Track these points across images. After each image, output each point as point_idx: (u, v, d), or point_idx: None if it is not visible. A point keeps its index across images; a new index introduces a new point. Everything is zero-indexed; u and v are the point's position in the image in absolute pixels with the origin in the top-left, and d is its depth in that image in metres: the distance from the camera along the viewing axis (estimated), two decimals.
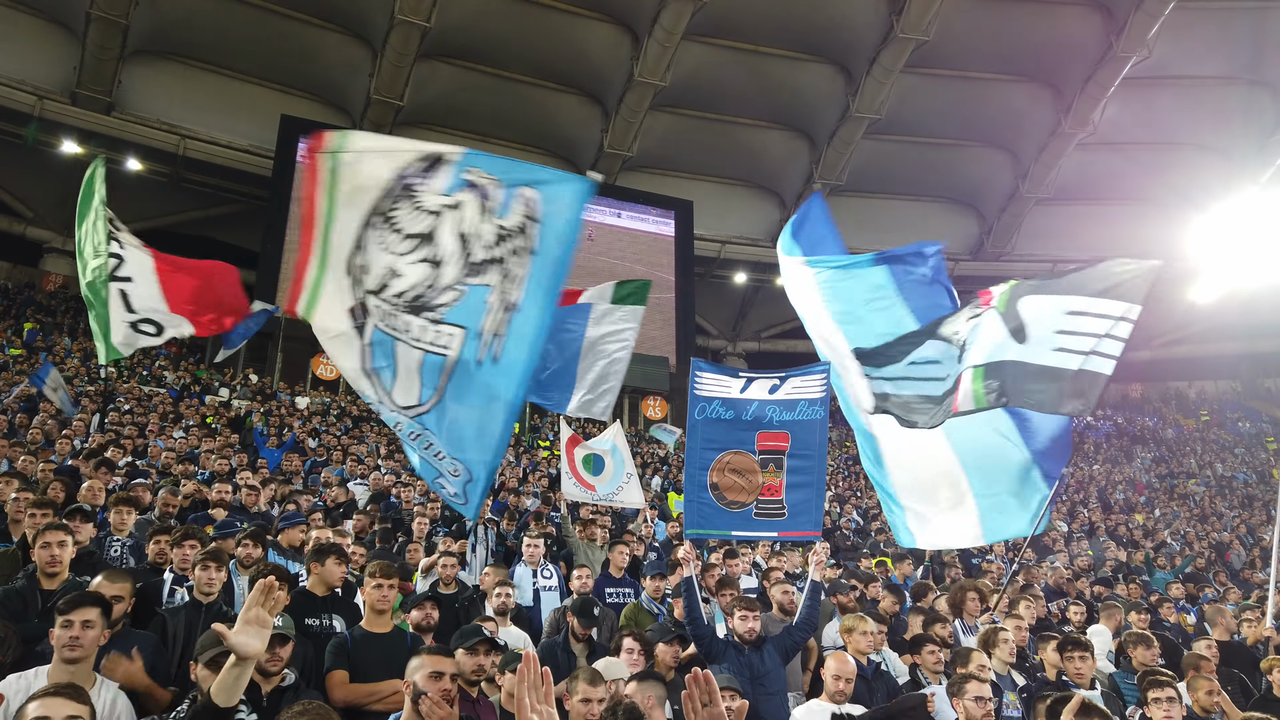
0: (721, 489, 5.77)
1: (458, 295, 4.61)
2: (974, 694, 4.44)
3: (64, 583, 4.71)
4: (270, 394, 21.63)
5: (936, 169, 34.12)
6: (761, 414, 5.86)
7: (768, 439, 5.84)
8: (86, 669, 3.53)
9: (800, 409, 5.84)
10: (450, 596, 6.56)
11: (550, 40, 28.85)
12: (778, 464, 5.81)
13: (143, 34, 26.13)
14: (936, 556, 11.91)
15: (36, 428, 10.83)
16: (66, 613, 3.50)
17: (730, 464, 5.78)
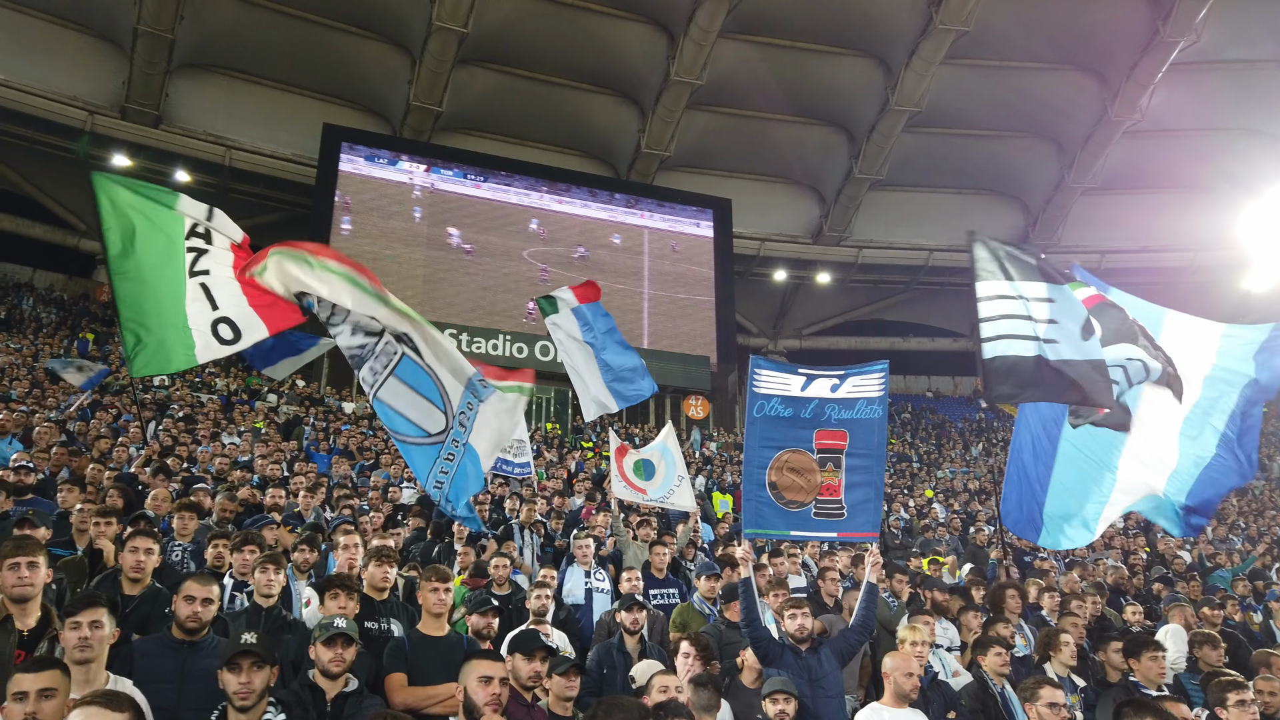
0: (780, 488, 5.67)
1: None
2: (1048, 700, 4.33)
3: (145, 588, 4.83)
4: (318, 399, 21.94)
5: (979, 161, 33.62)
6: (821, 412, 5.76)
7: (826, 437, 5.74)
8: (99, 669, 3.61)
9: (859, 407, 5.72)
10: (504, 598, 6.59)
11: (586, 42, 28.92)
12: (836, 463, 5.70)
13: (188, 48, 26.66)
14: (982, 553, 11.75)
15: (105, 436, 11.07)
16: (75, 614, 3.59)
17: (789, 463, 5.68)
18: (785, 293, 35.81)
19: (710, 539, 11.52)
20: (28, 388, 14.97)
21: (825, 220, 34.27)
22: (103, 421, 13.12)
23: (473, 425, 5.55)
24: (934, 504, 18.53)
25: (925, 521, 15.49)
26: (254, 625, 4.82)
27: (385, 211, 27.75)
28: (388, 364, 5.30)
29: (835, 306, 36.30)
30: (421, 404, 5.41)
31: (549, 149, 32.05)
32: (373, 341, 5.36)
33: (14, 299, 24.84)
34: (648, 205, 31.38)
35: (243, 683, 3.46)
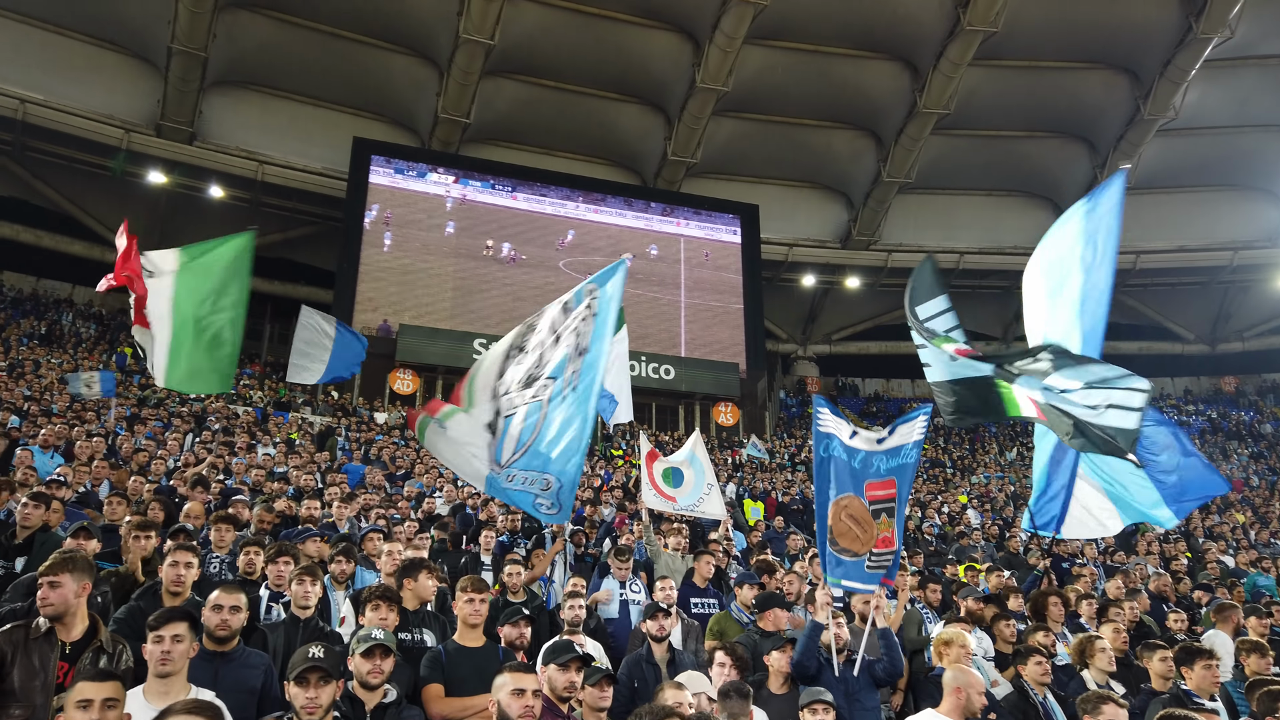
0: (835, 534, 5.58)
1: (550, 360, 6.25)
2: (1110, 716, 4.21)
3: (185, 601, 4.89)
4: (350, 410, 22.15)
5: (1010, 162, 33.29)
6: (868, 463, 5.70)
7: (876, 488, 5.67)
8: (180, 681, 3.69)
9: (904, 452, 5.67)
10: (519, 605, 6.58)
11: (611, 51, 29.04)
12: (889, 513, 5.62)
13: (220, 65, 27.12)
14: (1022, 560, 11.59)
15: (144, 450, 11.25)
16: (157, 628, 3.67)
17: (848, 508, 5.62)
18: (814, 298, 35.66)
19: (743, 547, 11.47)
20: (68, 402, 15.24)
21: (854, 224, 34.09)
22: (140, 434, 13.32)
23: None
24: (968, 510, 18.32)
25: (960, 528, 15.32)
26: (292, 637, 4.88)
27: (415, 223, 28.00)
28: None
29: (865, 311, 36.06)
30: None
31: (575, 158, 32.19)
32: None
33: (54, 315, 25.33)
34: (675, 213, 31.41)
35: (310, 697, 3.49)
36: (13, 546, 5.86)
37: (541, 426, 6.08)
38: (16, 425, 11.91)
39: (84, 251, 28.40)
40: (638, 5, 28.02)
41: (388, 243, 27.34)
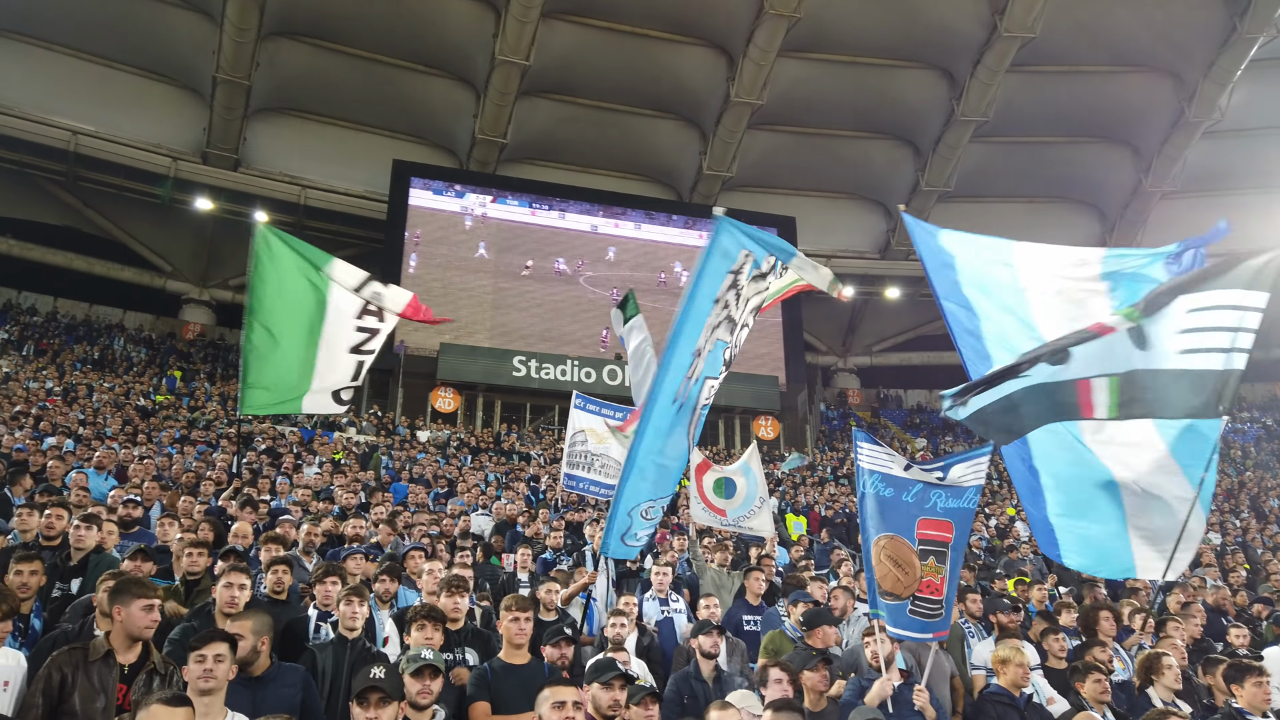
0: (876, 576, 5.23)
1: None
2: None
3: None
4: (393, 429, 22.38)
5: (1052, 168, 32.83)
6: (925, 498, 5.26)
7: (930, 527, 5.24)
8: (219, 701, 3.72)
9: (967, 496, 5.31)
10: (551, 623, 6.56)
11: (645, 68, 29.20)
12: (940, 557, 5.18)
13: (263, 93, 27.73)
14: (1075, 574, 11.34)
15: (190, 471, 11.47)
16: (199, 648, 3.71)
17: (886, 549, 5.20)
18: (854, 309, 35.38)
19: (785, 562, 11.35)
20: (120, 425, 15.60)
21: (892, 234, 33.82)
22: (189, 456, 13.58)
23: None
24: (1016, 522, 17.98)
25: (1009, 541, 15.04)
26: (340, 657, 4.92)
27: (453, 242, 28.31)
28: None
29: (906, 321, 35.68)
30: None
31: (612, 175, 32.36)
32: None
33: (106, 340, 25.97)
34: (709, 228, 31.34)
35: (370, 717, 3.54)
36: (68, 568, 5.98)
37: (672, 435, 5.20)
38: (71, 449, 12.20)
39: (134, 277, 29.12)
40: (670, 22, 28.17)
41: (428, 263, 27.65)
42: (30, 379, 19.27)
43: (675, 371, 4.84)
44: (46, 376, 20.10)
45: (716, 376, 5.09)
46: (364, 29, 27.46)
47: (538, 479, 16.97)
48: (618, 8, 27.68)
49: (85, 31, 26.31)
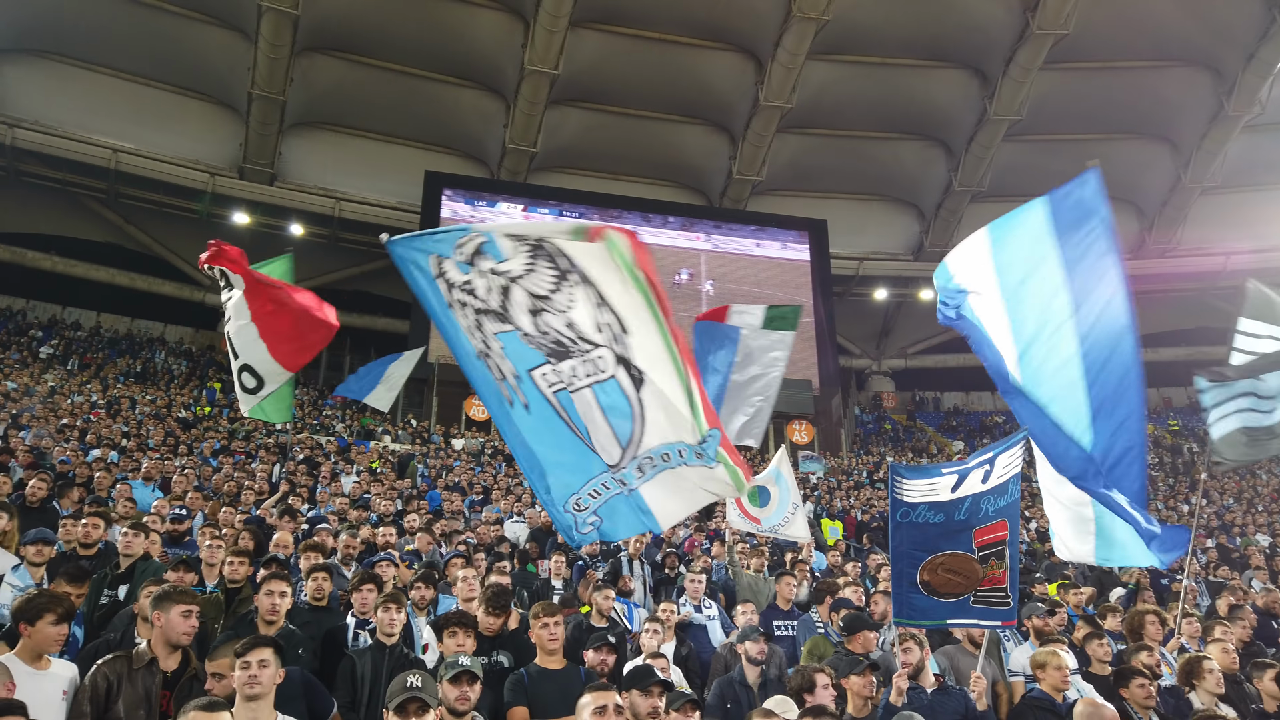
0: (934, 585, 5.26)
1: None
2: None
3: (279, 630, 5.04)
4: (428, 437, 22.56)
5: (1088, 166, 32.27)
6: (976, 509, 5.27)
7: (986, 533, 5.27)
8: (267, 706, 3.79)
9: (1010, 490, 5.31)
10: (603, 631, 6.57)
11: (673, 74, 29.23)
12: (999, 555, 5.23)
13: (298, 108, 28.15)
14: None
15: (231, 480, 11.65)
16: (244, 654, 3.79)
17: (944, 564, 5.25)
18: (887, 311, 35.10)
19: (822, 566, 11.27)
20: (162, 436, 15.87)
21: (926, 236, 33.52)
22: (229, 466, 13.78)
23: (655, 476, 4.78)
24: None
25: (1050, 545, 14.80)
26: (378, 664, 4.97)
27: None
28: (591, 374, 4.83)
29: (941, 324, 35.27)
30: (604, 429, 4.67)
31: (642, 181, 32.41)
32: (587, 348, 4.66)
33: (148, 353, 26.47)
34: (741, 231, 31.34)
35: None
36: (116, 575, 6.10)
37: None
38: (115, 460, 12.43)
39: (174, 291, 29.66)
40: (698, 27, 28.19)
41: None
42: (75, 393, 19.68)
43: (481, 384, 4.65)
44: (91, 390, 20.52)
45: (546, 362, 4.65)
46: (395, 42, 27.78)
47: None
48: (645, 15, 27.75)
49: (124, 52, 26.89)
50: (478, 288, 4.57)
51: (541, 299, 4.59)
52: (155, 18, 26.09)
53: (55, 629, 4.04)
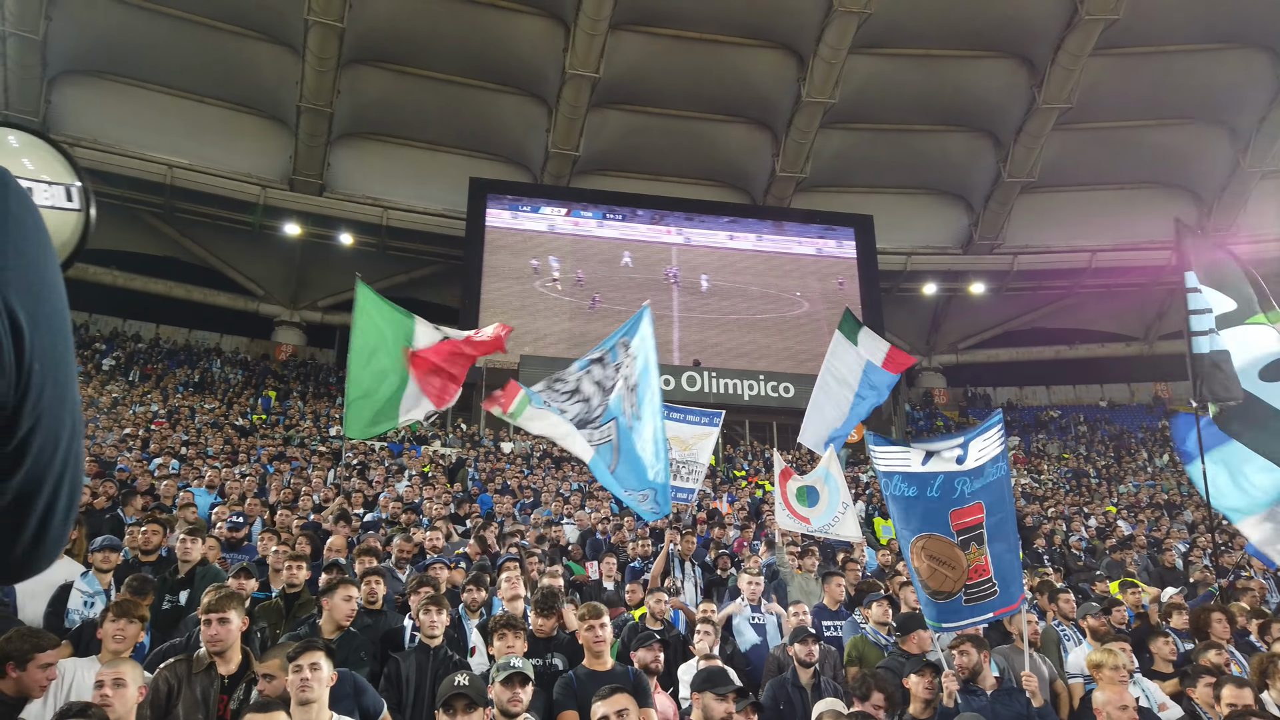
0: (923, 576, 5.23)
1: (603, 407, 7.64)
2: None
3: (342, 634, 5.15)
4: (477, 441, 22.76)
5: (1141, 153, 31.53)
6: (951, 488, 5.25)
7: (963, 515, 5.23)
8: (321, 707, 3.82)
9: (988, 472, 5.23)
10: (658, 633, 6.56)
11: (714, 73, 29.14)
12: (979, 540, 5.20)
13: (345, 119, 28.63)
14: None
15: (287, 487, 11.87)
16: (296, 658, 3.85)
17: (927, 549, 5.21)
18: (937, 306, 34.58)
19: (874, 566, 11.14)
20: (221, 444, 16.25)
21: (975, 228, 32.97)
22: (285, 472, 14.05)
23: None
24: (1119, 521, 17.29)
25: (1111, 541, 14.47)
26: (422, 665, 5.04)
27: (529, 253, 28.71)
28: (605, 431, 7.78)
29: (992, 317, 34.70)
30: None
31: (684, 181, 32.36)
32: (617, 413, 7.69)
33: (205, 363, 27.11)
34: (786, 229, 31.13)
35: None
36: (176, 581, 6.25)
37: (620, 457, 7.14)
38: (176, 469, 12.74)
39: (229, 302, 30.35)
40: (739, 25, 28.08)
41: (504, 275, 28.10)
42: (136, 403, 20.22)
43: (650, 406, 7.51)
44: (151, 400, 21.08)
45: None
46: (438, 52, 28.11)
47: None
48: (684, 15, 27.72)
49: (177, 69, 27.59)
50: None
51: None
52: (206, 35, 26.76)
53: (44, 672, 3.90)
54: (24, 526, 0.81)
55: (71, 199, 1.25)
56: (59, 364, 0.79)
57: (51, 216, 1.20)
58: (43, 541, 0.84)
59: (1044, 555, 12.52)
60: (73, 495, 0.85)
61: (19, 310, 0.72)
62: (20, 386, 0.74)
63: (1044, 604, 7.38)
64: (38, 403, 0.76)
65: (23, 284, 0.74)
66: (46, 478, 0.81)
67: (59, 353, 0.79)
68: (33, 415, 0.76)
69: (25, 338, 0.73)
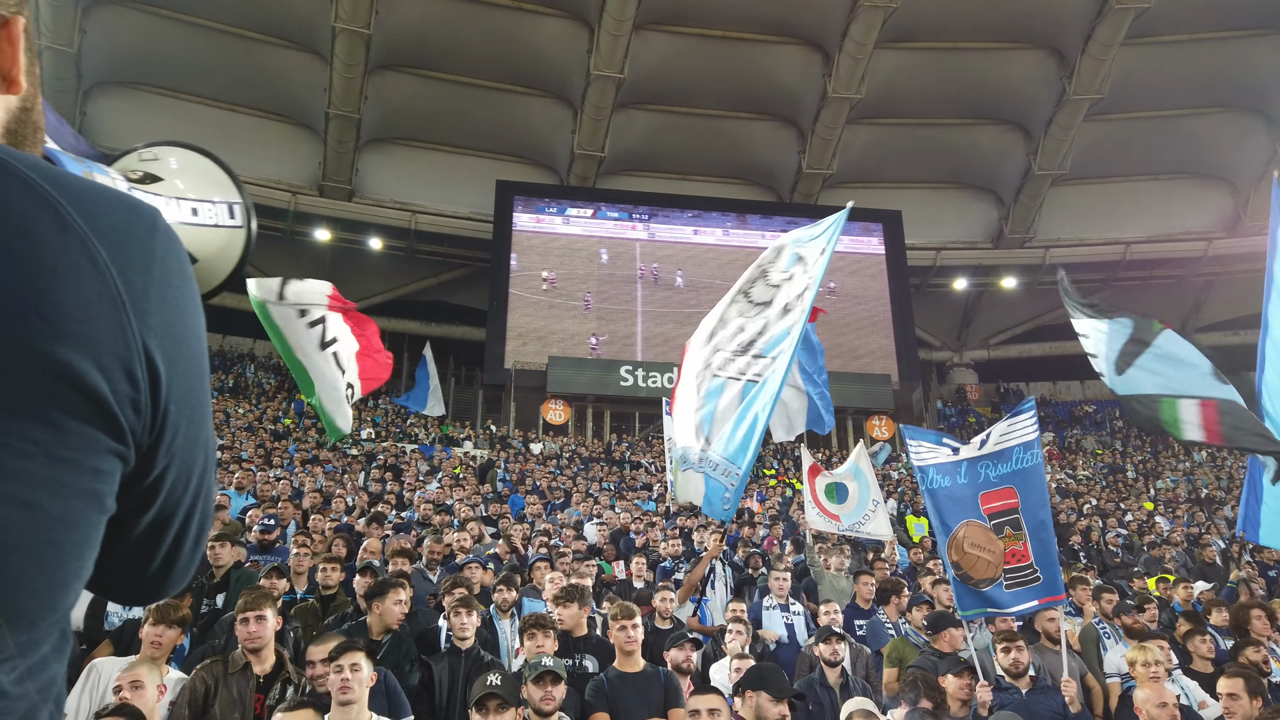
0: (965, 568, 5.26)
1: (770, 334, 5.95)
2: None
3: (391, 636, 5.22)
4: (507, 442, 22.88)
5: (1176, 143, 31.01)
6: (975, 473, 5.30)
7: (992, 499, 5.27)
8: (361, 707, 3.87)
9: (1015, 457, 5.24)
10: (666, 633, 6.56)
11: (739, 71, 29.07)
12: (1014, 525, 5.22)
13: (372, 125, 28.90)
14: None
15: (318, 491, 12.01)
16: (337, 659, 3.90)
17: (967, 538, 5.25)
18: (967, 302, 34.23)
19: (905, 564, 11.06)
20: (253, 448, 16.45)
21: (1005, 222, 32.61)
22: (319, 476, 14.21)
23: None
24: (1156, 517, 17.03)
25: (1150, 537, 14.25)
26: (455, 667, 5.07)
27: (558, 255, 28.81)
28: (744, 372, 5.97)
29: (1024, 312, 34.26)
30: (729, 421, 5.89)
31: (710, 180, 32.30)
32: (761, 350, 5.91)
33: (239, 368, 27.48)
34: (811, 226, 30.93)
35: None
36: (211, 585, 6.35)
37: (742, 408, 5.79)
38: None
39: None
40: (762, 22, 27.98)
41: (533, 278, 28.23)
42: None
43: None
44: None
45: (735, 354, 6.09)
46: (463, 56, 28.28)
47: (650, 487, 17.06)
48: (708, 13, 27.67)
49: (208, 79, 27.99)
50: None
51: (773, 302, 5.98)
52: (236, 44, 27.12)
53: None
54: (153, 555, 0.85)
55: (234, 216, 1.27)
56: (195, 406, 0.81)
57: (216, 234, 1.22)
58: (171, 569, 0.88)
59: (1080, 552, 12.36)
60: (203, 526, 0.89)
61: (157, 355, 0.74)
62: (156, 428, 0.76)
63: (1079, 598, 7.26)
64: (172, 443, 0.79)
65: (165, 330, 0.75)
66: (178, 512, 0.84)
67: (196, 395, 0.81)
68: (167, 456, 0.79)
69: (162, 382, 0.75)
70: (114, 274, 0.72)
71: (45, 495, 0.67)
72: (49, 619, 0.71)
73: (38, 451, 0.67)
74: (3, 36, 0.83)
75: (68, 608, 0.73)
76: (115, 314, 0.71)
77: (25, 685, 0.69)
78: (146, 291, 0.74)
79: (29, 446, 0.66)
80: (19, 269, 0.67)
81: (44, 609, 0.69)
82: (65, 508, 0.69)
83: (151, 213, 0.79)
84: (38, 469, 0.67)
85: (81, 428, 0.69)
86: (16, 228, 0.68)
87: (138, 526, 0.81)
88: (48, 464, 0.67)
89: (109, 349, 0.70)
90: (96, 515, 0.73)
